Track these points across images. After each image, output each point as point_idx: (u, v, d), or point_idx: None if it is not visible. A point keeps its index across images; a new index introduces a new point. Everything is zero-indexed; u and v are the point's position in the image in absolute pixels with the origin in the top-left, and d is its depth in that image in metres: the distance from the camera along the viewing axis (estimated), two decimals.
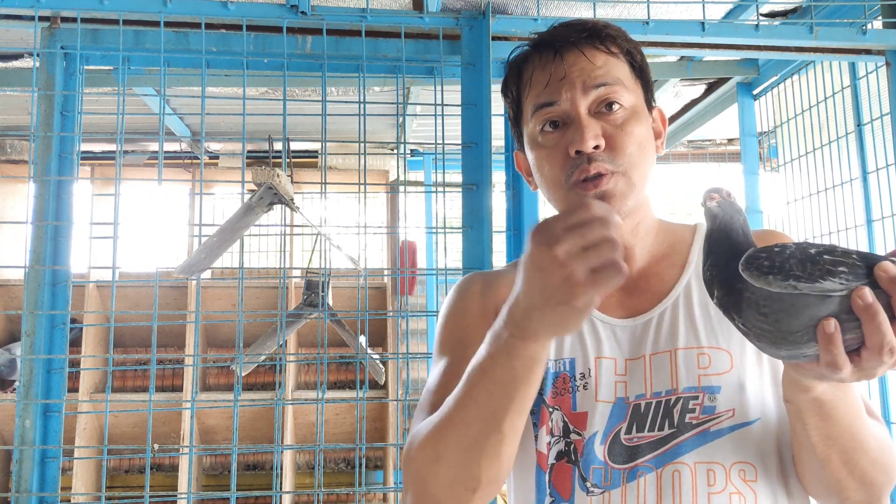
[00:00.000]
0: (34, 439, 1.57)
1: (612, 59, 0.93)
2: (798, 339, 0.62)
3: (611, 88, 0.91)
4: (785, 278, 0.61)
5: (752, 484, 0.83)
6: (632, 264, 0.96)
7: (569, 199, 0.91)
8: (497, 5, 1.79)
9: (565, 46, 0.93)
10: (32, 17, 1.60)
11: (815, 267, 0.61)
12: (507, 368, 0.72)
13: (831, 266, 0.60)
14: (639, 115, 0.92)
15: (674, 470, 0.83)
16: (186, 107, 2.85)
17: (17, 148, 3.75)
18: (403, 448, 0.86)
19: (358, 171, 1.74)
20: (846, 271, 0.60)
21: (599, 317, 0.93)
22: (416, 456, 0.80)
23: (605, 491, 0.84)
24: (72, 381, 2.98)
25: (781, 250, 0.63)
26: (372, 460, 3.50)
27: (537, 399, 0.90)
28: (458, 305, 0.99)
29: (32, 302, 1.59)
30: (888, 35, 1.75)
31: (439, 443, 0.78)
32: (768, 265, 0.62)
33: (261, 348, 1.82)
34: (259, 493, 1.72)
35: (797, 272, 0.61)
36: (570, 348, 0.92)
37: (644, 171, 0.92)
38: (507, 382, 0.73)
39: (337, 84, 2.25)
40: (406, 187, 1.83)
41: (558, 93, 0.91)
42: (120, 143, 1.68)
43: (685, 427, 0.84)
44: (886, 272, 0.60)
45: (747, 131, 2.38)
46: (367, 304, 1.86)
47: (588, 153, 0.88)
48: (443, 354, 0.95)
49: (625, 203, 0.90)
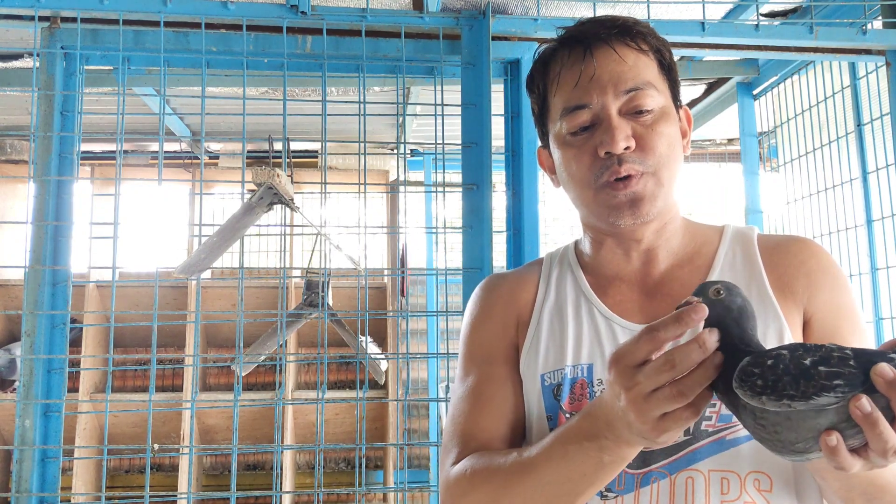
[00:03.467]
0: (34, 439, 1.57)
1: (642, 57, 0.92)
2: (801, 449, 0.62)
3: (642, 92, 0.90)
4: (779, 398, 0.60)
5: (767, 494, 0.83)
6: (654, 267, 0.95)
7: (598, 199, 0.91)
8: (497, 5, 1.79)
9: (595, 43, 0.91)
10: (32, 17, 1.60)
11: (810, 384, 0.59)
12: (595, 460, 0.74)
13: (826, 381, 0.59)
14: (668, 116, 0.92)
15: (687, 477, 0.83)
16: (186, 107, 2.85)
17: (17, 148, 3.75)
18: (442, 485, 0.88)
19: (358, 171, 1.74)
20: (842, 384, 0.59)
21: (618, 321, 0.92)
22: (468, 502, 0.83)
23: (619, 495, 0.84)
24: (72, 381, 2.98)
25: (774, 364, 0.61)
26: (372, 460, 3.50)
27: (554, 405, 0.90)
28: (481, 315, 1.00)
29: (32, 302, 1.59)
30: (888, 35, 1.75)
31: (498, 502, 0.80)
32: (761, 385, 0.61)
33: (261, 348, 1.81)
34: (259, 493, 1.72)
35: (790, 391, 0.59)
36: (588, 353, 0.91)
37: (673, 171, 0.91)
38: (592, 472, 0.75)
39: (337, 84, 2.25)
40: (406, 187, 1.83)
41: (589, 95, 0.90)
42: (120, 143, 1.68)
43: (701, 434, 0.84)
44: (883, 377, 0.58)
45: (747, 131, 2.38)
46: (367, 304, 1.86)
47: (618, 154, 0.87)
48: (467, 373, 0.96)
49: (654, 205, 0.89)
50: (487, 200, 1.66)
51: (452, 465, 0.87)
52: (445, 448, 0.91)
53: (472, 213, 1.67)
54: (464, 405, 0.93)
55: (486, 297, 1.01)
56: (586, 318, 0.93)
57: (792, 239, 0.94)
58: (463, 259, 1.66)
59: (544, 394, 0.91)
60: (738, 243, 0.95)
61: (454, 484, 0.85)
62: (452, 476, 0.85)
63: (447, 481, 0.86)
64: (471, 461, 0.85)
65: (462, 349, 0.99)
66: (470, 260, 1.65)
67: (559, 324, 0.94)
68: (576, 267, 1.00)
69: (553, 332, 0.94)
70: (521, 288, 1.00)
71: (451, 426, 0.93)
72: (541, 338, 0.94)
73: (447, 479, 0.87)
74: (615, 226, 0.91)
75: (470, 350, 0.98)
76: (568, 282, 0.98)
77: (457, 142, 1.69)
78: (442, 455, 0.91)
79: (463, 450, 0.88)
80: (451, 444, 0.90)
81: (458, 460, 0.87)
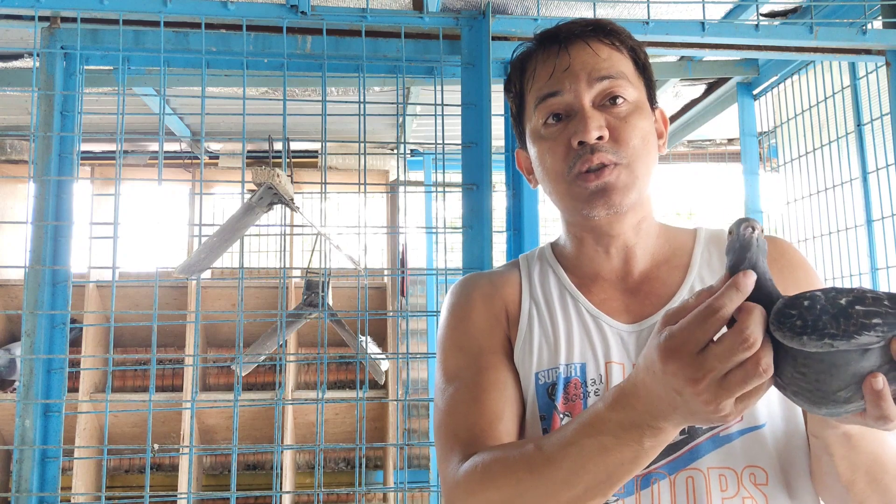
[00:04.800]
0: (34, 439, 1.57)
1: (616, 54, 0.93)
2: (840, 398, 0.59)
3: (615, 81, 0.90)
4: (820, 337, 0.57)
5: (763, 488, 0.83)
6: (634, 266, 0.95)
7: (571, 192, 0.90)
8: (497, 5, 1.79)
9: (570, 39, 0.93)
10: (32, 17, 1.60)
11: (850, 322, 0.57)
12: (636, 448, 0.70)
13: (865, 319, 0.57)
14: (642, 111, 0.92)
15: (687, 476, 0.83)
16: (186, 107, 2.85)
17: (17, 148, 3.75)
18: (449, 486, 0.83)
19: (358, 171, 1.74)
20: (880, 322, 0.57)
21: (606, 320, 0.92)
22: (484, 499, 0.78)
23: (620, 498, 0.83)
24: (72, 381, 2.98)
25: (811, 304, 0.59)
26: (372, 460, 3.50)
27: (549, 404, 0.89)
28: (462, 309, 0.97)
29: (32, 302, 1.59)
30: (888, 35, 1.75)
31: (521, 497, 0.76)
32: (801, 325, 0.58)
33: (261, 348, 1.81)
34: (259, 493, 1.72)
35: (832, 330, 0.57)
36: (580, 352, 0.90)
37: (647, 165, 0.91)
38: (630, 460, 0.71)
39: (337, 84, 2.25)
40: (406, 187, 1.83)
41: (561, 83, 0.91)
42: (120, 143, 1.68)
43: (695, 432, 0.84)
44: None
45: (747, 131, 2.38)
46: (367, 304, 1.86)
47: (591, 144, 0.87)
48: (456, 368, 0.92)
49: (627, 195, 0.89)
50: (487, 200, 1.66)
51: (459, 463, 0.83)
52: (445, 446, 0.87)
53: (472, 213, 1.67)
54: (460, 398, 0.89)
55: (469, 293, 0.98)
56: (574, 315, 0.93)
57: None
58: (463, 259, 1.66)
59: (538, 393, 0.89)
60: (713, 244, 0.97)
61: (464, 483, 0.80)
62: (461, 475, 0.81)
63: (455, 481, 0.82)
64: (480, 457, 0.81)
65: (444, 345, 0.95)
66: (470, 260, 1.65)
67: (550, 321, 0.93)
68: (556, 265, 0.99)
69: (545, 329, 0.93)
70: (504, 283, 0.98)
71: (450, 421, 0.88)
72: (533, 334, 0.93)
73: (455, 479, 0.82)
74: (589, 217, 0.91)
75: (456, 344, 0.94)
76: (550, 279, 0.97)
77: (457, 142, 1.69)
78: (442, 453, 0.87)
79: (468, 446, 0.84)
80: (453, 442, 0.86)
81: (465, 458, 0.83)
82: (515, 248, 1.73)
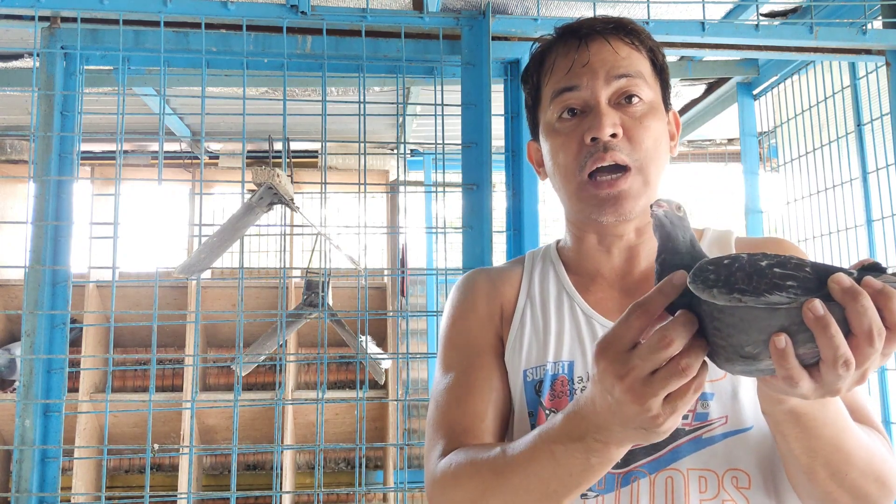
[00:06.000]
0: (34, 439, 1.57)
1: (635, 53, 0.93)
2: (750, 354, 0.60)
3: (632, 81, 0.91)
4: (729, 291, 0.58)
5: (745, 491, 0.83)
6: (635, 266, 0.96)
7: (580, 194, 0.91)
8: (497, 5, 1.79)
9: (590, 35, 0.93)
10: (32, 17, 1.60)
11: (763, 280, 0.58)
12: (582, 461, 0.71)
13: (779, 280, 0.58)
14: (657, 112, 0.92)
15: (667, 476, 0.83)
16: (186, 107, 2.85)
17: (17, 148, 3.75)
18: (428, 479, 0.87)
19: (358, 171, 1.74)
20: (795, 285, 0.58)
21: (599, 319, 0.93)
22: (453, 498, 0.81)
23: (600, 495, 0.84)
24: (72, 381, 2.98)
25: (731, 262, 0.60)
26: (372, 460, 3.50)
27: (535, 400, 0.90)
28: (463, 306, 0.99)
29: (32, 302, 1.59)
30: (888, 35, 1.75)
31: (484, 499, 0.78)
32: (714, 278, 0.60)
33: (261, 348, 1.81)
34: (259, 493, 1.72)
35: (742, 285, 0.58)
36: (569, 350, 0.91)
37: (658, 168, 0.92)
38: (579, 473, 0.72)
39: (337, 84, 2.25)
40: (406, 187, 1.83)
41: (579, 78, 0.91)
42: (120, 143, 1.68)
43: (678, 433, 0.84)
44: (839, 284, 0.57)
45: (747, 131, 2.38)
46: (367, 304, 1.86)
47: (604, 141, 0.88)
48: (450, 364, 0.95)
49: (637, 203, 0.90)
50: (487, 200, 1.66)
51: (439, 457, 0.86)
52: (431, 440, 0.90)
53: (472, 212, 1.67)
54: (449, 395, 0.91)
55: (470, 289, 1.00)
56: (568, 314, 0.94)
57: (768, 239, 0.95)
58: (463, 259, 1.66)
59: (526, 389, 0.91)
60: (716, 245, 0.97)
61: (440, 479, 0.83)
62: (438, 471, 0.84)
63: (433, 476, 0.85)
64: (455, 456, 0.83)
65: (444, 340, 0.98)
66: (470, 260, 1.65)
67: (542, 319, 0.94)
68: (558, 263, 1.00)
69: (536, 327, 0.94)
70: (504, 282, 1.00)
71: (437, 416, 0.91)
72: (524, 332, 0.94)
73: (433, 473, 0.85)
74: (596, 221, 0.92)
75: (454, 340, 0.97)
76: (550, 278, 0.99)
77: (457, 142, 1.69)
78: (427, 446, 0.90)
79: (449, 442, 0.87)
80: (436, 435, 0.89)
81: (444, 453, 0.86)
82: (515, 248, 1.73)
